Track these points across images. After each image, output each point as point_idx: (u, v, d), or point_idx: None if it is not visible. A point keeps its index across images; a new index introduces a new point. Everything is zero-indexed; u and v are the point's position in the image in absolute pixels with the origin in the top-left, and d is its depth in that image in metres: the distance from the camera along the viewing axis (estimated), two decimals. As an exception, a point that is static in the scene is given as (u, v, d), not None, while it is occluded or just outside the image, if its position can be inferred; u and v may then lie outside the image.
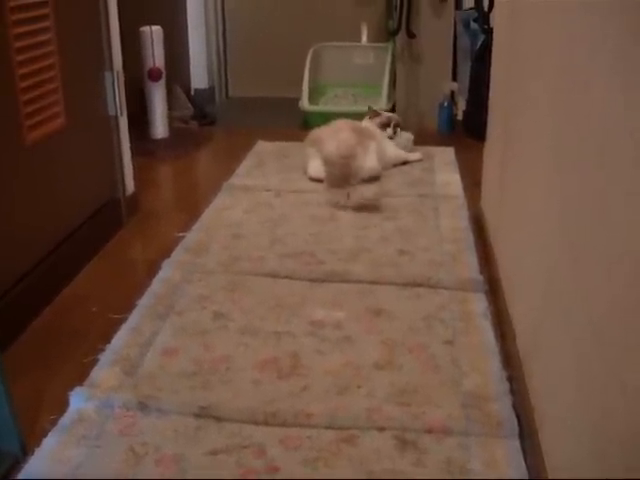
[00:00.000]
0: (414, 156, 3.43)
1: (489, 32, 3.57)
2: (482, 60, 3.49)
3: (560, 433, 1.30)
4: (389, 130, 3.37)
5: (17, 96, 2.00)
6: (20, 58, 2.00)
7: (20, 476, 1.44)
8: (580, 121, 1.28)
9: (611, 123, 1.08)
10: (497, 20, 2.72)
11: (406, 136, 3.51)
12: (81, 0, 2.43)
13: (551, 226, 1.48)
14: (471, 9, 3.96)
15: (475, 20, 3.92)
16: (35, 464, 1.46)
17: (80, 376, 1.73)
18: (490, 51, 2.67)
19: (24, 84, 2.03)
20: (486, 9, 3.71)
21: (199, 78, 4.88)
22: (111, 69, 2.61)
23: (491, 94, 2.62)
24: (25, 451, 1.50)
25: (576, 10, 1.36)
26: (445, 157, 3.52)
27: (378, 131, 3.34)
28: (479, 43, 3.85)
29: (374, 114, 3.43)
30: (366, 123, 3.38)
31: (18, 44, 1.99)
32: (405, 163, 3.37)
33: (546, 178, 1.55)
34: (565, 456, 1.26)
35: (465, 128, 4.05)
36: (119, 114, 2.68)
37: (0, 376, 1.46)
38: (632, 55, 0.99)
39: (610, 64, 1.10)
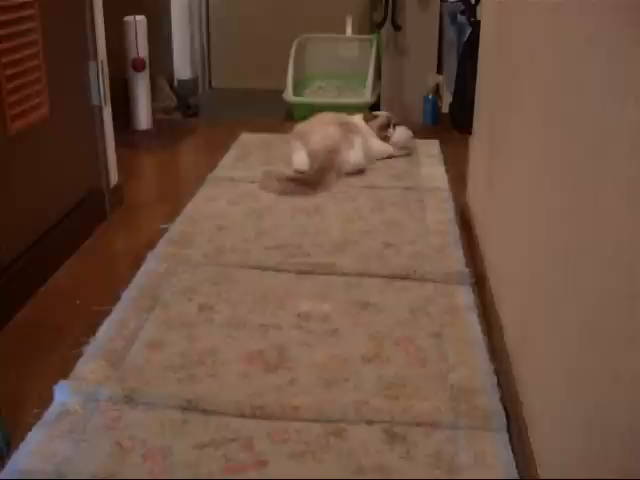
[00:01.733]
0: (400, 150, 3.41)
1: (476, 25, 3.56)
2: (469, 53, 3.48)
3: (550, 428, 1.30)
4: (390, 130, 3.36)
5: (0, 85, 1.97)
6: (3, 46, 1.97)
7: (5, 471, 1.41)
8: (571, 116, 1.27)
9: (603, 118, 1.07)
10: (485, 13, 2.71)
11: (405, 134, 3.48)
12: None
13: (540, 220, 1.48)
14: (458, 1, 3.95)
15: (462, 13, 3.90)
16: (20, 459, 1.44)
17: (65, 369, 1.71)
18: (477, 44, 2.66)
19: (8, 72, 1.99)
20: (473, 2, 3.69)
21: (182, 69, 4.84)
22: (95, 59, 2.58)
23: (478, 87, 2.62)
24: (10, 445, 1.48)
25: (567, 4, 1.35)
26: (430, 150, 3.52)
27: (363, 124, 3.33)
28: (466, 36, 3.83)
29: (370, 117, 3.42)
30: (358, 120, 3.35)
31: (1, 32, 1.96)
32: (391, 156, 3.36)
33: (536, 173, 1.55)
34: (556, 453, 1.25)
35: (450, 121, 4.04)
36: (103, 104, 2.65)
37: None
38: (627, 50, 0.98)
39: (604, 58, 1.09)
